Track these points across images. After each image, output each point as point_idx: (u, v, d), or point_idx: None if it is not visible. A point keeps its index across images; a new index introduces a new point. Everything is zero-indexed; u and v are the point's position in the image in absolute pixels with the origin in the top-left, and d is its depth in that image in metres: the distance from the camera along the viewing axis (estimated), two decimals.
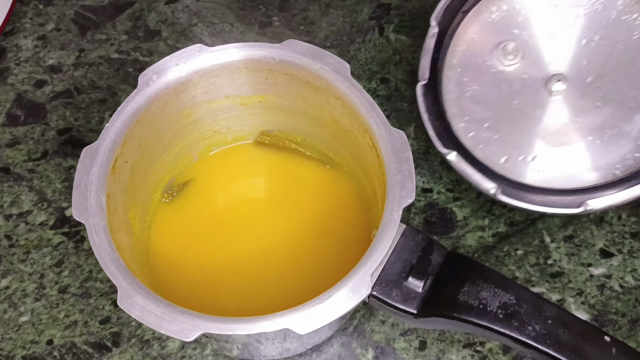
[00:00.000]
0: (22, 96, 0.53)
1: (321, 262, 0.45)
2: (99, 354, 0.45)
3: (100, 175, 0.38)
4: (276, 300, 0.44)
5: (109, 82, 0.54)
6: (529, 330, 0.35)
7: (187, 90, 0.43)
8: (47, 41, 0.56)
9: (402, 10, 0.60)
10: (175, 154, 0.46)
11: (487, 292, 0.35)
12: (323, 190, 0.48)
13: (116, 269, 0.36)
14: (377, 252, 0.36)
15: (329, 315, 0.34)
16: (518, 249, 0.50)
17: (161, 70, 0.42)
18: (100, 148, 0.39)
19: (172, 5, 0.58)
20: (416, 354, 0.46)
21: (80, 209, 0.37)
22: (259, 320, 0.34)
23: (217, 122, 0.47)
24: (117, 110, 0.40)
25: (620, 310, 0.48)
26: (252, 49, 0.42)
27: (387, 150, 0.39)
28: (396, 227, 0.37)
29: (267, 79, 0.44)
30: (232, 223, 0.47)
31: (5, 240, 0.48)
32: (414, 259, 0.37)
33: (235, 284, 0.45)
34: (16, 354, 0.45)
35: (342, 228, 0.47)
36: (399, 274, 0.37)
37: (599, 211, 0.45)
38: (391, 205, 0.37)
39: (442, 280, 0.36)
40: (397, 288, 0.36)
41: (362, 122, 0.41)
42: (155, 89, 0.41)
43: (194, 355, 0.45)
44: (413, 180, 0.38)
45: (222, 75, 0.43)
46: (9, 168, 0.51)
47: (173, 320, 0.34)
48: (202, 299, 0.43)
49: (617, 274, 0.50)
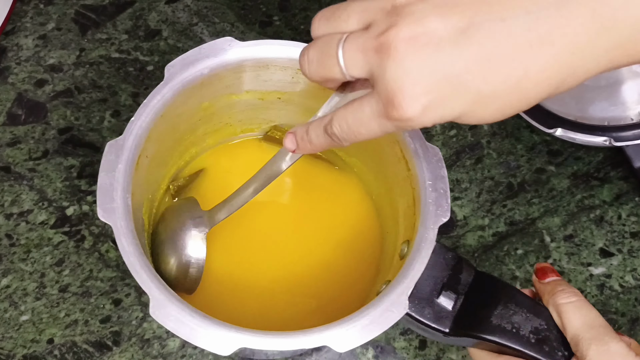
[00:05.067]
0: (22, 95, 0.53)
1: (333, 266, 0.45)
2: (100, 353, 0.45)
3: (126, 173, 0.36)
4: (291, 308, 0.44)
5: (109, 82, 0.54)
6: (559, 356, 0.35)
7: (213, 84, 0.41)
8: (48, 40, 0.56)
9: None
10: (185, 145, 0.45)
11: (519, 317, 0.36)
12: (332, 191, 0.48)
13: (147, 276, 0.34)
14: (413, 270, 0.36)
15: (367, 334, 0.34)
16: (518, 248, 0.50)
17: (189, 62, 0.40)
18: (125, 144, 0.37)
19: (173, 4, 0.58)
20: (416, 354, 0.46)
21: (106, 209, 0.35)
22: (297, 335, 0.33)
23: (231, 115, 0.46)
24: (142, 103, 0.38)
25: (620, 309, 0.48)
26: (286, 47, 0.41)
27: (422, 167, 0.39)
28: (432, 246, 0.37)
29: (293, 78, 0.43)
30: (244, 227, 0.46)
31: (6, 240, 0.48)
32: (445, 277, 0.37)
33: (249, 291, 0.44)
34: (17, 353, 0.45)
35: (353, 230, 0.46)
36: (431, 291, 0.37)
37: None
38: (427, 224, 0.37)
39: (473, 300, 0.37)
40: (430, 306, 0.36)
41: (393, 134, 0.40)
42: (183, 82, 0.39)
43: (194, 355, 0.45)
44: (448, 199, 0.38)
45: (250, 71, 0.42)
46: (9, 167, 0.51)
47: (209, 333, 0.33)
48: (217, 307, 0.43)
49: (617, 273, 0.50)
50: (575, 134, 0.50)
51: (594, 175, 0.54)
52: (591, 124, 0.50)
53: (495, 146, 0.54)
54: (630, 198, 0.53)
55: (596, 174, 0.54)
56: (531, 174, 0.53)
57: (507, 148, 0.54)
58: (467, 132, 0.55)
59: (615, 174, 0.54)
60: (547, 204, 0.52)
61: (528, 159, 0.54)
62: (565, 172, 0.53)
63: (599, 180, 0.53)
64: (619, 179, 0.53)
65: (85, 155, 0.51)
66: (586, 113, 0.50)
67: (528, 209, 0.52)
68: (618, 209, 0.52)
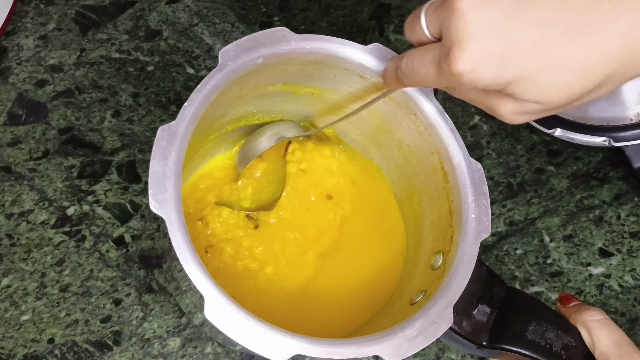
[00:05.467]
0: (23, 95, 0.53)
1: (362, 269, 0.45)
2: (100, 353, 0.45)
3: (178, 161, 0.33)
4: (326, 313, 0.43)
5: (109, 82, 0.54)
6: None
7: (260, 73, 0.40)
8: (48, 41, 0.56)
9: (403, 11, 0.60)
10: (210, 131, 0.44)
11: (551, 333, 0.38)
12: (359, 186, 0.48)
13: (204, 276, 0.32)
14: (457, 284, 0.36)
15: (416, 345, 0.35)
16: (517, 248, 0.50)
17: (244, 49, 0.38)
18: (178, 130, 0.34)
19: (173, 5, 0.58)
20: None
21: (159, 200, 0.32)
22: (351, 344, 0.33)
23: (257, 105, 0.44)
24: (196, 88, 0.36)
25: (619, 309, 0.49)
26: (341, 46, 0.40)
27: (466, 182, 0.39)
28: (474, 261, 0.37)
29: (336, 76, 0.42)
30: (292, 231, 0.45)
31: (7, 239, 0.48)
32: (479, 290, 0.38)
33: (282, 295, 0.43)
34: (17, 353, 0.45)
35: (381, 230, 0.47)
36: (467, 304, 0.38)
37: None
38: (468, 238, 0.38)
39: (506, 315, 0.38)
40: (467, 319, 0.37)
41: (435, 144, 0.41)
42: (236, 70, 0.37)
43: (195, 354, 0.46)
44: (489, 216, 0.39)
45: (297, 64, 0.41)
46: (10, 167, 0.51)
47: (266, 338, 0.32)
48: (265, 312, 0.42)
49: (616, 273, 0.50)
50: (575, 134, 0.50)
51: (594, 175, 0.54)
52: (590, 124, 0.50)
53: (494, 146, 0.54)
54: (629, 198, 0.53)
55: (596, 174, 0.54)
56: (531, 174, 0.53)
57: (506, 148, 0.54)
58: (467, 132, 0.55)
59: (615, 174, 0.54)
60: (547, 204, 0.52)
61: (528, 159, 0.54)
62: (565, 172, 0.54)
63: (599, 181, 0.53)
64: (619, 179, 0.53)
65: (86, 155, 0.51)
66: (586, 113, 0.50)
67: (527, 209, 0.52)
68: (617, 209, 0.52)
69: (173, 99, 0.54)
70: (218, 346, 0.46)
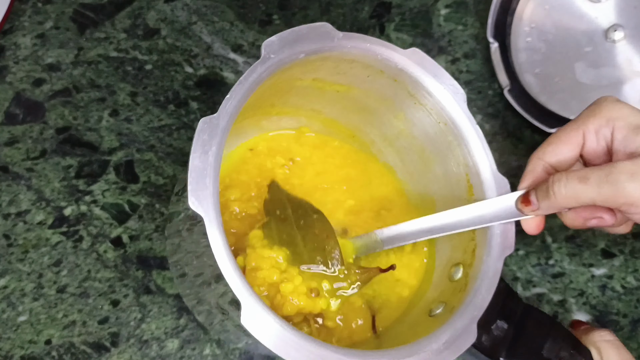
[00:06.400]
0: (20, 95, 0.53)
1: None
2: (98, 354, 0.45)
3: (218, 156, 0.32)
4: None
5: (107, 81, 0.54)
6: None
7: (297, 68, 0.39)
8: (46, 39, 0.55)
9: (403, 9, 0.60)
10: (241, 125, 0.43)
11: (565, 352, 0.38)
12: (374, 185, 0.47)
13: (241, 281, 0.31)
14: (481, 300, 0.37)
15: (442, 359, 0.35)
16: (519, 249, 0.50)
17: (286, 43, 0.37)
18: (220, 123, 0.32)
19: (172, 3, 0.58)
20: None
21: (198, 196, 0.30)
22: (382, 356, 0.34)
23: (281, 97, 0.43)
24: (239, 80, 0.35)
25: (621, 310, 0.48)
26: (382, 48, 0.40)
27: (492, 197, 0.39)
28: (498, 276, 0.37)
29: (369, 77, 0.41)
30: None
31: (4, 240, 0.48)
32: (498, 305, 0.38)
33: None
34: (14, 354, 0.45)
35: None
36: (487, 319, 0.38)
37: None
38: (492, 254, 0.38)
39: (523, 331, 0.38)
40: (486, 334, 0.38)
41: (463, 156, 0.40)
42: (279, 63, 0.36)
43: (193, 356, 0.45)
44: (513, 234, 0.39)
45: (334, 61, 0.40)
46: (7, 167, 0.50)
47: (300, 348, 0.32)
48: None
49: (618, 274, 0.49)
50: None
51: None
52: None
53: (496, 146, 0.54)
54: None
55: None
56: None
57: (508, 148, 0.54)
58: None
59: None
60: None
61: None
62: None
63: None
64: None
65: (84, 155, 0.51)
66: None
67: None
68: None
69: (171, 98, 0.54)
70: (217, 347, 0.46)
